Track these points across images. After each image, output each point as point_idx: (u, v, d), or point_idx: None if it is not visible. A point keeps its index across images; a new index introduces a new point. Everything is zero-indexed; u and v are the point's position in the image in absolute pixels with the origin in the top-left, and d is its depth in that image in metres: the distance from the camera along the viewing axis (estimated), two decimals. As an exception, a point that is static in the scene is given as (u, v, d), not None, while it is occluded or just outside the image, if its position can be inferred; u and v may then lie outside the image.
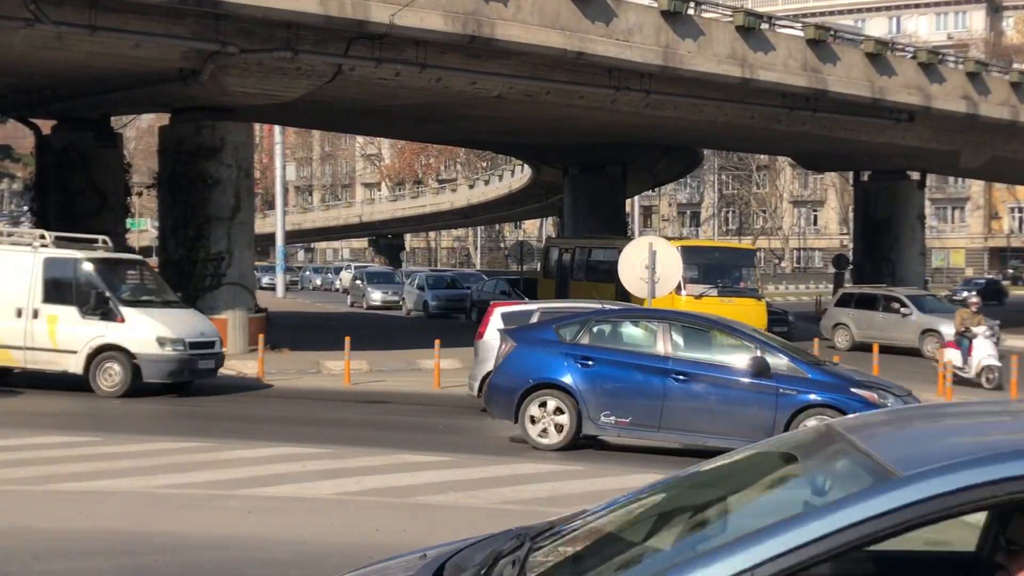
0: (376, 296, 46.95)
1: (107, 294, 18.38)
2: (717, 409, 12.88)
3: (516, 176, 61.90)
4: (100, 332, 18.17)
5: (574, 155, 41.78)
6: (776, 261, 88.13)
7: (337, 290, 64.76)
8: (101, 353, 18.17)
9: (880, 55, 31.89)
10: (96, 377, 18.11)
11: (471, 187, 75.34)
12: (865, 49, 31.90)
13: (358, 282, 50.14)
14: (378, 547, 8.18)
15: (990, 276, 68.95)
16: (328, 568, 7.60)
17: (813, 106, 31.57)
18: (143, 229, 70.24)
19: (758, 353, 12.82)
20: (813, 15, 76.38)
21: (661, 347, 13.16)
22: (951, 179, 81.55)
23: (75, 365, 18.21)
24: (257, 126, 51.30)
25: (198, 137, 25.29)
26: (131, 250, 27.48)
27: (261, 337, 23.38)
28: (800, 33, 30.62)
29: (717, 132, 35.81)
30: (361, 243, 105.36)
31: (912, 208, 41.33)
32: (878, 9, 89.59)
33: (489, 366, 16.91)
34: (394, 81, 25.02)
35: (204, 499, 9.87)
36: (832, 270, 51.48)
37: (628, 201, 53.17)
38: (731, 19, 28.66)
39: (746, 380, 12.76)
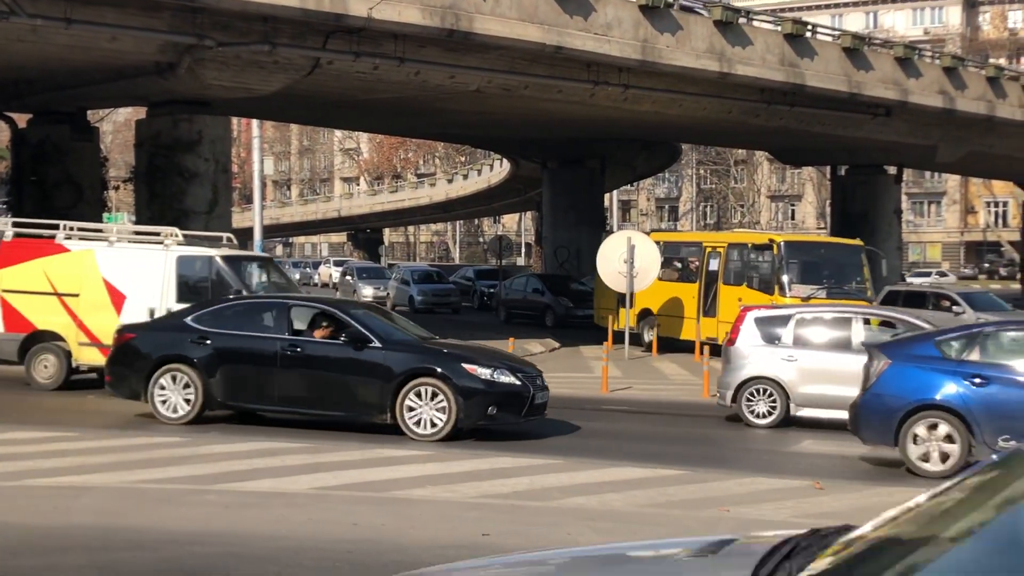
0: (367, 292, 46.64)
1: (244, 292, 17.49)
2: None
3: (495, 170, 61.87)
4: None
5: (553, 149, 41.79)
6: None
7: (316, 284, 64.61)
8: None
9: (857, 50, 31.97)
10: None
11: (450, 181, 75.28)
12: (842, 44, 31.97)
13: (348, 278, 49.75)
14: (356, 541, 8.17)
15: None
16: (306, 562, 7.59)
17: (791, 101, 31.65)
18: (120, 223, 69.90)
19: None
20: (791, 10, 76.55)
21: None
22: (928, 174, 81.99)
23: None
24: (235, 120, 51.07)
25: (175, 131, 25.18)
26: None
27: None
28: (778, 28, 30.68)
29: (695, 126, 35.87)
30: (340, 238, 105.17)
31: (889, 202, 41.55)
32: (855, 4, 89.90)
33: (743, 374, 15.87)
34: (372, 75, 24.96)
35: (181, 494, 9.83)
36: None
37: (607, 196, 53.22)
38: (709, 14, 28.68)
39: None
